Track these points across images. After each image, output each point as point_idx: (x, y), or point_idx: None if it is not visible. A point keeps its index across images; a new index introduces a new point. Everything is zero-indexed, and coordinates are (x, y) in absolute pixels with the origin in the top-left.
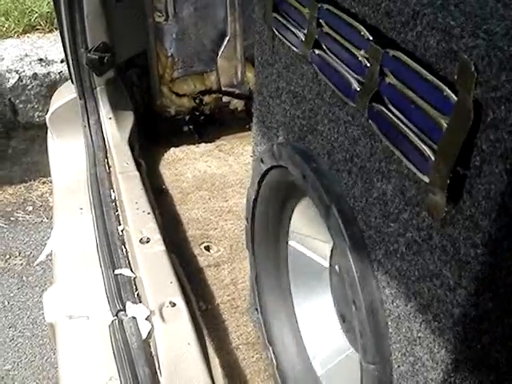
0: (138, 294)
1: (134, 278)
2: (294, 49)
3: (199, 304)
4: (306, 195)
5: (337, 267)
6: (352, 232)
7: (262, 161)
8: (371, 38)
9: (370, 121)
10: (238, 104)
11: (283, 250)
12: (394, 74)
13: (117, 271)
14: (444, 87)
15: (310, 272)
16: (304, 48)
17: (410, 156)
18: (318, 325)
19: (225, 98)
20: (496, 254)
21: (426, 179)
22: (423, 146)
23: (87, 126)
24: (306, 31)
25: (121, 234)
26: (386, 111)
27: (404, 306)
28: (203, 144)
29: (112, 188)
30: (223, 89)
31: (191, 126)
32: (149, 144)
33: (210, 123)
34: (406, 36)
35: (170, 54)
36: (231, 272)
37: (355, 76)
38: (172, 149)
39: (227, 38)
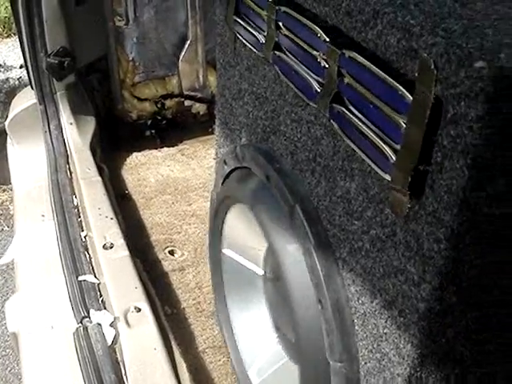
0: (102, 300)
1: (98, 284)
2: (255, 51)
3: (164, 308)
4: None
5: (269, 274)
6: (316, 231)
7: (225, 162)
8: (328, 40)
9: (331, 121)
10: (200, 108)
11: (220, 257)
12: (351, 75)
13: (80, 277)
14: (399, 87)
15: (244, 280)
16: (265, 50)
17: (371, 155)
18: (253, 333)
19: (187, 102)
20: (458, 248)
21: (388, 177)
22: (383, 146)
23: (48, 131)
24: (265, 33)
25: (84, 240)
26: (347, 111)
27: (370, 302)
28: (165, 148)
29: (74, 194)
30: (185, 93)
31: (153, 131)
32: (111, 149)
33: (172, 127)
34: (366, 35)
35: (131, 59)
36: (196, 276)
37: (315, 77)
38: (134, 153)
39: (188, 42)
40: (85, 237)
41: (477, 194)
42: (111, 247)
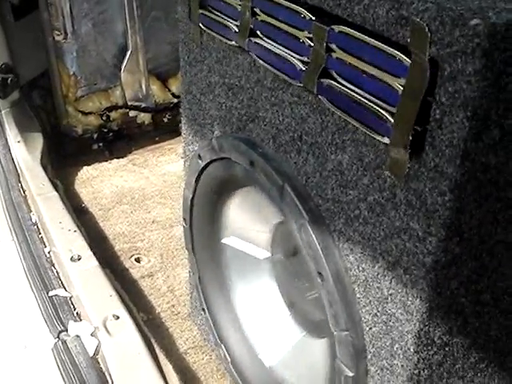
0: (77, 313)
1: (71, 298)
2: (227, 41)
3: (140, 315)
4: (240, 187)
5: (280, 255)
6: (309, 207)
7: (199, 157)
8: (314, 18)
9: (319, 96)
10: (145, 118)
11: (221, 247)
12: (343, 49)
13: (51, 293)
14: (397, 52)
15: (249, 266)
16: (239, 38)
17: (367, 121)
18: (264, 318)
19: (131, 113)
20: (461, 198)
21: (387, 140)
22: (380, 110)
23: None
24: (239, 22)
25: (48, 255)
26: (337, 84)
27: (371, 268)
28: (115, 160)
29: (31, 211)
30: (129, 103)
31: (100, 144)
32: (61, 165)
33: (118, 139)
34: (352, 11)
35: (72, 73)
36: (166, 280)
37: (298, 57)
38: (85, 167)
39: (129, 52)
40: (49, 252)
41: (476, 144)
42: (79, 259)
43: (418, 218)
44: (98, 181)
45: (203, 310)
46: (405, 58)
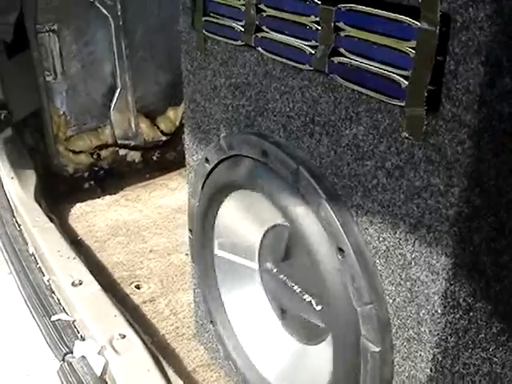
0: (81, 336)
1: (74, 321)
2: (233, 42)
3: (144, 338)
4: (238, 189)
5: (268, 264)
6: (325, 186)
7: (206, 160)
8: (319, 2)
9: (331, 75)
10: (135, 155)
11: (211, 260)
12: (351, 25)
13: (53, 317)
14: (405, 18)
15: (240, 277)
16: (245, 36)
17: (381, 89)
18: (257, 329)
19: (122, 151)
20: (480, 146)
21: (402, 103)
22: (394, 76)
23: None
24: (244, 21)
25: (47, 283)
26: (348, 60)
27: (392, 235)
28: (108, 196)
29: (27, 243)
30: (119, 142)
31: (92, 182)
32: (54, 201)
33: (110, 176)
34: None
35: (62, 113)
36: (168, 304)
37: (307, 43)
38: (78, 204)
39: (118, 91)
40: (48, 280)
41: (491, 91)
42: (80, 284)
43: (438, 172)
44: (92, 215)
45: (211, 322)
46: (413, 21)
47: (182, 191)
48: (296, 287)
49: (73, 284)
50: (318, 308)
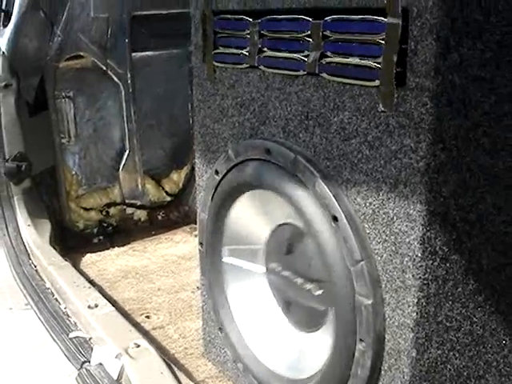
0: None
1: (90, 338)
2: (239, 66)
3: None
4: (248, 190)
5: (273, 265)
6: (318, 169)
7: (216, 172)
8: (310, 20)
9: (321, 75)
10: (141, 214)
11: (220, 266)
12: (336, 31)
13: (71, 335)
14: (375, 17)
15: (245, 280)
16: (250, 58)
17: (361, 76)
18: (266, 331)
19: (129, 210)
20: (439, 107)
21: (377, 83)
22: (370, 63)
23: (6, 234)
24: (248, 47)
25: (64, 310)
26: (333, 59)
27: (377, 198)
28: (116, 248)
29: (43, 280)
30: (126, 201)
31: (101, 237)
32: (66, 251)
33: (117, 233)
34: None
35: (74, 173)
36: (177, 330)
37: (301, 54)
38: (88, 254)
39: (126, 153)
40: (65, 308)
41: (443, 62)
42: (96, 306)
43: (409, 133)
44: (103, 263)
45: (220, 329)
46: (381, 18)
47: (186, 243)
48: (298, 280)
49: (89, 307)
50: (319, 293)
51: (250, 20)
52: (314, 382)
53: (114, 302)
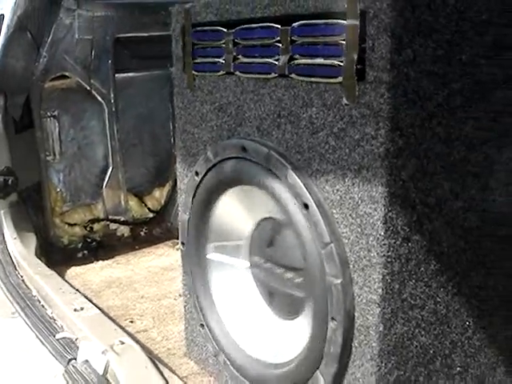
0: None
1: (76, 339)
2: (216, 73)
3: None
4: (228, 188)
5: (256, 258)
6: (290, 161)
7: (196, 173)
8: (279, 27)
9: (291, 75)
10: (124, 230)
11: (204, 263)
12: (302, 35)
13: (58, 336)
14: (338, 20)
15: (229, 275)
16: (226, 65)
17: (326, 74)
18: (249, 323)
19: (112, 225)
20: (395, 97)
21: (340, 79)
22: (334, 62)
23: None
24: (224, 55)
25: (51, 315)
26: (301, 60)
27: (343, 184)
28: (100, 261)
29: (29, 289)
30: (110, 217)
31: (85, 251)
32: (50, 263)
33: (101, 248)
34: (303, 8)
35: (58, 190)
36: (160, 333)
37: (273, 58)
38: (73, 267)
39: (110, 170)
40: (51, 313)
41: (398, 57)
42: (82, 309)
43: (370, 122)
44: (87, 275)
45: (201, 325)
46: (342, 21)
47: (168, 256)
48: (279, 270)
49: (75, 310)
50: (298, 280)
51: (225, 30)
52: (294, 364)
53: (98, 309)
